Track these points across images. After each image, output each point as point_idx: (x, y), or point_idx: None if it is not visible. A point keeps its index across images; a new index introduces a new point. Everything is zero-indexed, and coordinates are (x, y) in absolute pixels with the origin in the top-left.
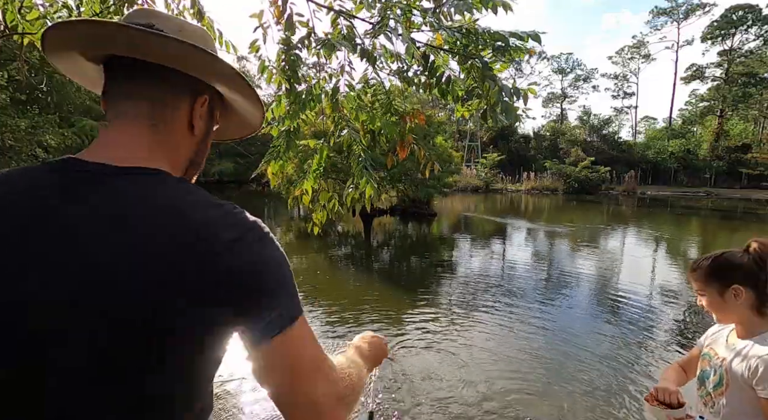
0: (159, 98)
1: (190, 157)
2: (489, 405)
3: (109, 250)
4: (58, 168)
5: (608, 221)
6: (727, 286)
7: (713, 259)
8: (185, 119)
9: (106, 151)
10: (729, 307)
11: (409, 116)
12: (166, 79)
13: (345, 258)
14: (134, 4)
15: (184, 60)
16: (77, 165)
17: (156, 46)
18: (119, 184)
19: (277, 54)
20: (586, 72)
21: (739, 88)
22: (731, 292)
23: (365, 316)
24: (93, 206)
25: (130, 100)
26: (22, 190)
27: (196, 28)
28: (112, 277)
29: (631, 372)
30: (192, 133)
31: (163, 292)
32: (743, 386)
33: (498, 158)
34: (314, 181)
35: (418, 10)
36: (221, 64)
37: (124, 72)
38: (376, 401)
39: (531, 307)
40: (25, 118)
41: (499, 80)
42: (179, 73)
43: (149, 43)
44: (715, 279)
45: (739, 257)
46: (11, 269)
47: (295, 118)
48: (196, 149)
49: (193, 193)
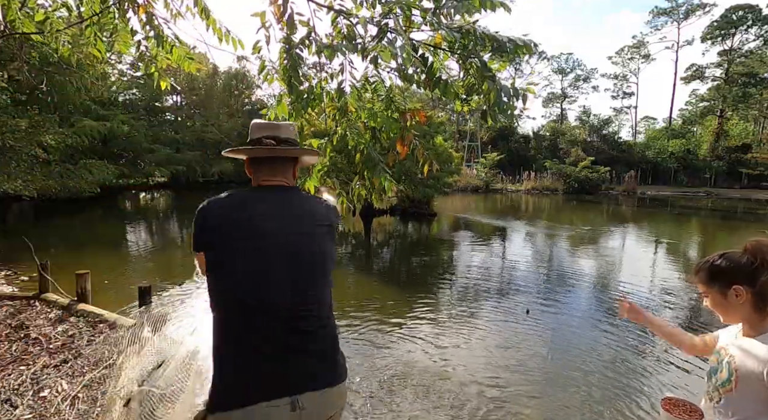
0: (282, 166)
1: (293, 183)
2: (487, 405)
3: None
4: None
5: (608, 221)
6: (728, 287)
7: (713, 261)
8: (292, 172)
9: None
10: (732, 307)
11: (409, 113)
12: (284, 160)
13: (345, 258)
14: (134, 4)
15: (295, 154)
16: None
17: (279, 152)
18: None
19: (279, 53)
20: (586, 72)
21: (739, 88)
22: (732, 293)
23: (365, 315)
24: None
25: (270, 169)
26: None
27: (291, 128)
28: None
29: (632, 373)
30: (294, 176)
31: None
32: (754, 384)
33: (498, 158)
34: (317, 181)
35: (418, 10)
36: (304, 152)
37: (268, 160)
38: (369, 402)
39: (530, 309)
40: (25, 118)
41: (498, 80)
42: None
43: (275, 152)
44: (716, 280)
45: (738, 257)
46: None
47: (298, 117)
48: (295, 179)
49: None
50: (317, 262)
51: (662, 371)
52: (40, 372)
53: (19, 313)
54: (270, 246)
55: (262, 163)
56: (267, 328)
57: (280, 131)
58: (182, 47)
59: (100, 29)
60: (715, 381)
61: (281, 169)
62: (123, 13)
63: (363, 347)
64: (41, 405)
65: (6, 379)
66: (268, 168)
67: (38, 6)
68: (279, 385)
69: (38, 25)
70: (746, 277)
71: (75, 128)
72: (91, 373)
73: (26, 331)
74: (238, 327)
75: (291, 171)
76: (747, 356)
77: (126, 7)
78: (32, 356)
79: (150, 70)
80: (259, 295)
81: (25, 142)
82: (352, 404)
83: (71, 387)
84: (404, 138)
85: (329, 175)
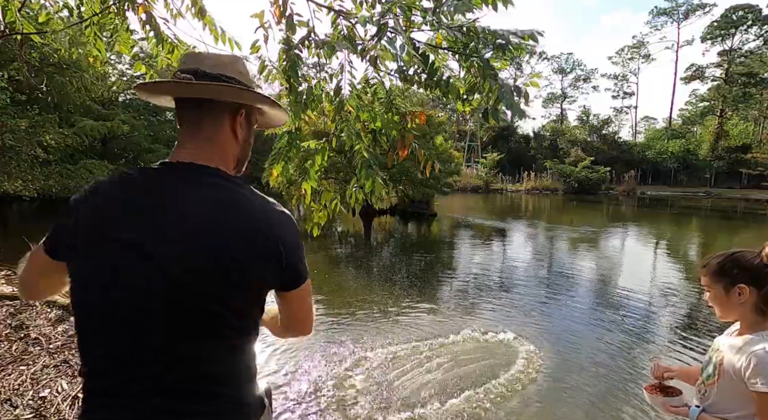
0: (208, 119)
1: (236, 155)
2: (485, 407)
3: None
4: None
5: (609, 222)
6: (734, 285)
7: (725, 257)
8: (229, 129)
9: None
10: (732, 305)
11: (410, 115)
12: (211, 106)
13: (345, 258)
14: (134, 4)
15: (219, 93)
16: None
17: (198, 91)
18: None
19: (279, 53)
20: (586, 72)
21: (739, 88)
22: (736, 291)
23: (364, 315)
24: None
25: (191, 122)
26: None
27: (228, 60)
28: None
29: (632, 375)
30: (236, 137)
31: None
32: (734, 378)
33: (498, 158)
34: (315, 182)
35: (418, 10)
36: (246, 93)
37: (185, 104)
38: (369, 399)
39: (530, 308)
40: (25, 118)
41: (500, 78)
42: (219, 101)
43: (193, 90)
44: (722, 276)
45: (751, 259)
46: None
47: (297, 118)
48: (242, 149)
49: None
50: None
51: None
52: (40, 372)
53: (19, 313)
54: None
55: (183, 117)
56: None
57: (205, 63)
58: (182, 47)
59: (100, 29)
60: (704, 375)
61: (203, 128)
62: (123, 13)
63: (361, 348)
64: (41, 405)
65: (6, 379)
66: (188, 126)
67: (42, 7)
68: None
69: (40, 25)
70: (755, 279)
71: (75, 128)
72: None
73: (26, 331)
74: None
75: (227, 132)
76: (732, 352)
77: (126, 7)
78: (32, 356)
79: (141, 69)
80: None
81: (25, 142)
82: (354, 403)
83: (71, 387)
84: (404, 139)
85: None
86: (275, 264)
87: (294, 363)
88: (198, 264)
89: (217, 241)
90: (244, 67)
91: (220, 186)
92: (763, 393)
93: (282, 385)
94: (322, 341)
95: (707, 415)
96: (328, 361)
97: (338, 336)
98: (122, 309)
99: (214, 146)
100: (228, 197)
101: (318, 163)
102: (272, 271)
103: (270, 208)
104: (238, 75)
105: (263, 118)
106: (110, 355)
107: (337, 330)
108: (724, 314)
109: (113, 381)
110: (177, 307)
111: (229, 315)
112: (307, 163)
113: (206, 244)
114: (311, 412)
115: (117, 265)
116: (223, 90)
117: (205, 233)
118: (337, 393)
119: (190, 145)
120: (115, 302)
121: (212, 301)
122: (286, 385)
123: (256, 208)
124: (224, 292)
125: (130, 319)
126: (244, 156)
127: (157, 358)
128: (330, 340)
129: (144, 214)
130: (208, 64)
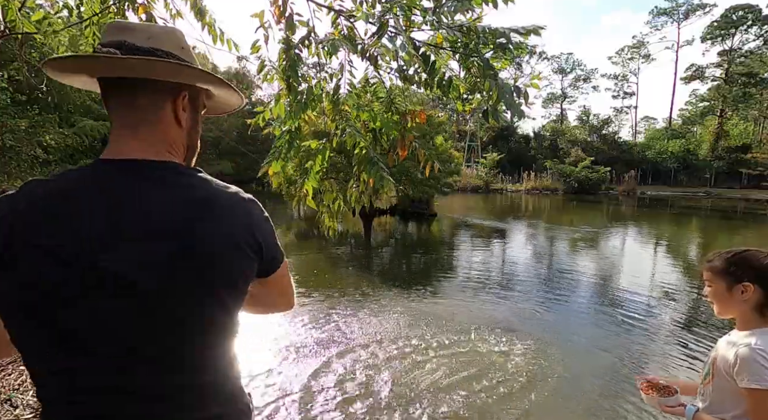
0: (144, 104)
1: (184, 143)
2: (483, 407)
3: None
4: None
5: (609, 222)
6: (738, 282)
7: (734, 254)
8: (171, 115)
9: (120, 152)
10: (732, 302)
11: (410, 115)
12: (145, 87)
13: (345, 257)
14: (134, 3)
15: (153, 71)
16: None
17: (125, 67)
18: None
19: (279, 53)
20: (586, 72)
21: (739, 88)
22: (740, 288)
23: (364, 314)
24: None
25: (123, 109)
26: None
27: (163, 31)
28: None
29: (632, 375)
30: (179, 124)
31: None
32: (725, 376)
33: (498, 158)
34: (315, 182)
35: (418, 10)
36: (187, 69)
37: (111, 87)
38: (381, 396)
39: (531, 308)
40: (25, 118)
41: (500, 78)
42: (153, 80)
43: (117, 66)
44: (728, 273)
45: (762, 258)
46: None
47: (297, 117)
48: (187, 135)
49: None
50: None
51: (664, 373)
52: None
53: None
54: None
55: (111, 101)
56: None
57: (134, 35)
58: None
59: (100, 29)
60: (702, 375)
61: (141, 115)
62: (122, 13)
63: (360, 347)
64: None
65: (6, 378)
66: (121, 112)
67: (37, 6)
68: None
69: (36, 24)
70: (761, 278)
71: (75, 128)
72: None
73: None
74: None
75: (169, 119)
76: (724, 350)
77: (126, 7)
78: None
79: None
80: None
81: (25, 142)
82: (352, 401)
83: None
84: (404, 139)
85: (329, 175)
86: (255, 255)
87: (284, 361)
88: (182, 263)
89: (195, 240)
90: (185, 42)
91: (187, 182)
92: (751, 389)
93: (274, 384)
94: (314, 341)
95: (703, 414)
96: (321, 362)
97: (333, 335)
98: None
99: (158, 136)
100: (197, 194)
101: (318, 164)
102: (253, 262)
103: (238, 198)
104: (177, 50)
105: (212, 102)
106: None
107: (336, 329)
108: (723, 311)
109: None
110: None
111: (217, 314)
112: (308, 163)
113: (185, 244)
114: (308, 410)
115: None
116: (157, 66)
117: (181, 233)
118: (332, 391)
119: (132, 137)
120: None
121: (197, 302)
122: (279, 384)
123: (226, 201)
124: (209, 291)
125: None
126: (193, 144)
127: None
128: (325, 338)
129: (112, 217)
130: (140, 38)
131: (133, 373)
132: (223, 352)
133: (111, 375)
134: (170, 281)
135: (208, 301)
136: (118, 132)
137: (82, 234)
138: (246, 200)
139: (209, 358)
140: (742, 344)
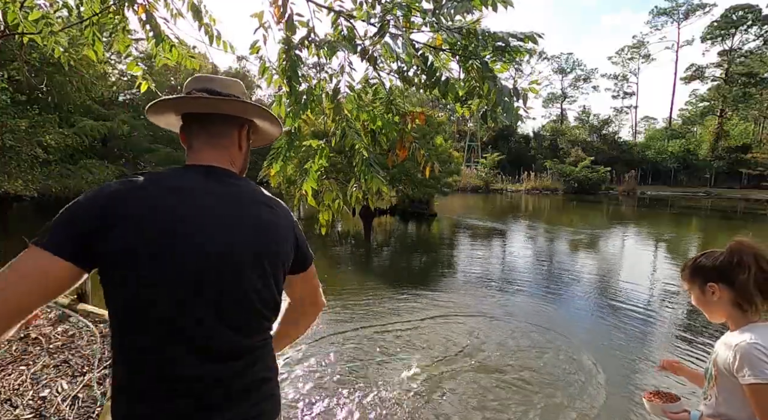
0: (221, 130)
1: (241, 166)
2: (482, 407)
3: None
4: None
5: (609, 222)
6: (705, 284)
7: (695, 259)
8: (236, 142)
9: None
10: (713, 304)
11: (409, 116)
12: (223, 120)
13: (345, 257)
14: (134, 4)
15: (232, 109)
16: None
17: (213, 106)
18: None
19: (279, 53)
20: (586, 72)
21: (740, 88)
22: (709, 290)
23: (363, 314)
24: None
25: (204, 133)
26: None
27: (232, 82)
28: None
29: (633, 375)
30: (240, 149)
31: None
32: (728, 377)
33: (498, 158)
34: (314, 182)
35: (418, 11)
36: (252, 107)
37: (199, 120)
38: (368, 398)
39: (531, 307)
40: (25, 118)
41: (498, 81)
42: (229, 115)
43: (209, 105)
44: (696, 278)
45: (716, 256)
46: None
47: (297, 118)
48: (243, 160)
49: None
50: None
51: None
52: (40, 372)
53: None
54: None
55: (200, 129)
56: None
57: (215, 84)
58: (182, 46)
59: (100, 29)
60: (706, 380)
61: (224, 139)
62: (122, 13)
63: (360, 347)
64: (41, 405)
65: (6, 379)
66: (208, 136)
67: (36, 5)
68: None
69: (33, 23)
70: (722, 275)
71: (75, 128)
72: (91, 373)
73: (26, 331)
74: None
75: (235, 143)
76: (724, 350)
77: (126, 6)
78: (32, 356)
79: (135, 70)
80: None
81: (25, 142)
82: (355, 401)
83: (71, 387)
84: (404, 140)
85: (329, 175)
86: (294, 249)
87: (279, 359)
88: (245, 256)
89: (260, 234)
90: (244, 89)
91: (247, 186)
92: (753, 384)
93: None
94: (323, 341)
95: (709, 419)
96: (327, 361)
97: (336, 335)
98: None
99: (229, 156)
100: (260, 197)
101: (318, 164)
102: (292, 255)
103: (279, 201)
104: (242, 95)
105: (255, 136)
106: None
107: (334, 329)
108: (710, 315)
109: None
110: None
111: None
112: (308, 163)
113: (252, 237)
114: (316, 406)
115: (185, 262)
116: (248, 107)
117: (251, 227)
118: (338, 391)
119: (212, 152)
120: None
121: (258, 291)
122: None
123: (276, 202)
124: (268, 281)
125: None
126: (244, 167)
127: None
128: (329, 339)
129: (202, 212)
130: (219, 85)
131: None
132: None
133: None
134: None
135: (281, 277)
136: (200, 147)
137: (198, 219)
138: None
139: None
140: (738, 341)
